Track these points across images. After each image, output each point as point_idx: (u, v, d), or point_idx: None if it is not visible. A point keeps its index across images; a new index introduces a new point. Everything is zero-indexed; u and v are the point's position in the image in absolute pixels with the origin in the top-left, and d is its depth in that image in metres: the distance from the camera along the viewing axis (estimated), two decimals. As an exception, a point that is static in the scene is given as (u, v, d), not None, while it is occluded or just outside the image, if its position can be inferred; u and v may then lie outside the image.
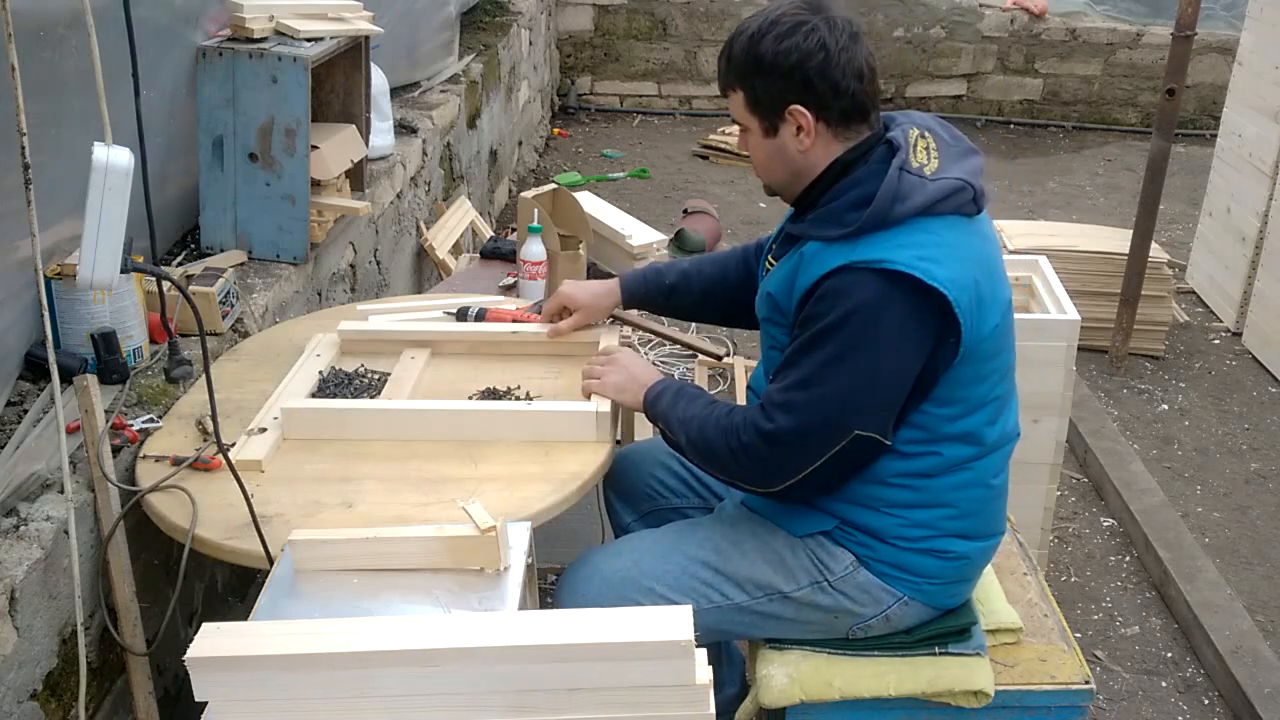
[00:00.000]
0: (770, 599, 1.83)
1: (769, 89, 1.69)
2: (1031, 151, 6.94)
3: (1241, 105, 4.52)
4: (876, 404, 1.65)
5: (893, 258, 1.60)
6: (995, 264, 1.75)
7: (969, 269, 1.65)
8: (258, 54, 2.57)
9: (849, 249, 1.63)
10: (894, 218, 1.62)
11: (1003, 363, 1.77)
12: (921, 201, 1.63)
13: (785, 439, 1.67)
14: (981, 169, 1.74)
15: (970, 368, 1.69)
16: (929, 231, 1.64)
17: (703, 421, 1.79)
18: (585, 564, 1.90)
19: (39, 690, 1.72)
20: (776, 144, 1.74)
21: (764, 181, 1.83)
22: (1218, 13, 7.01)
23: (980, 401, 1.74)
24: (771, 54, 1.66)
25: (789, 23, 1.66)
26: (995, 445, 1.78)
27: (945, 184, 1.66)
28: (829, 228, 1.67)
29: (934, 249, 1.62)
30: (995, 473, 1.81)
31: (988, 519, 1.82)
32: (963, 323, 1.62)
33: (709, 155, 6.59)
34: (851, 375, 1.62)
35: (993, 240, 1.77)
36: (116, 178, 1.64)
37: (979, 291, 1.65)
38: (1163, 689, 2.69)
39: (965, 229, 1.69)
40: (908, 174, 1.64)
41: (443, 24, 4.54)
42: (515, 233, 3.65)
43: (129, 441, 1.95)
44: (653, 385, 1.92)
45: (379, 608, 1.46)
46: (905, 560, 1.79)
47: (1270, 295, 4.19)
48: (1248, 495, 3.47)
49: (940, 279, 1.59)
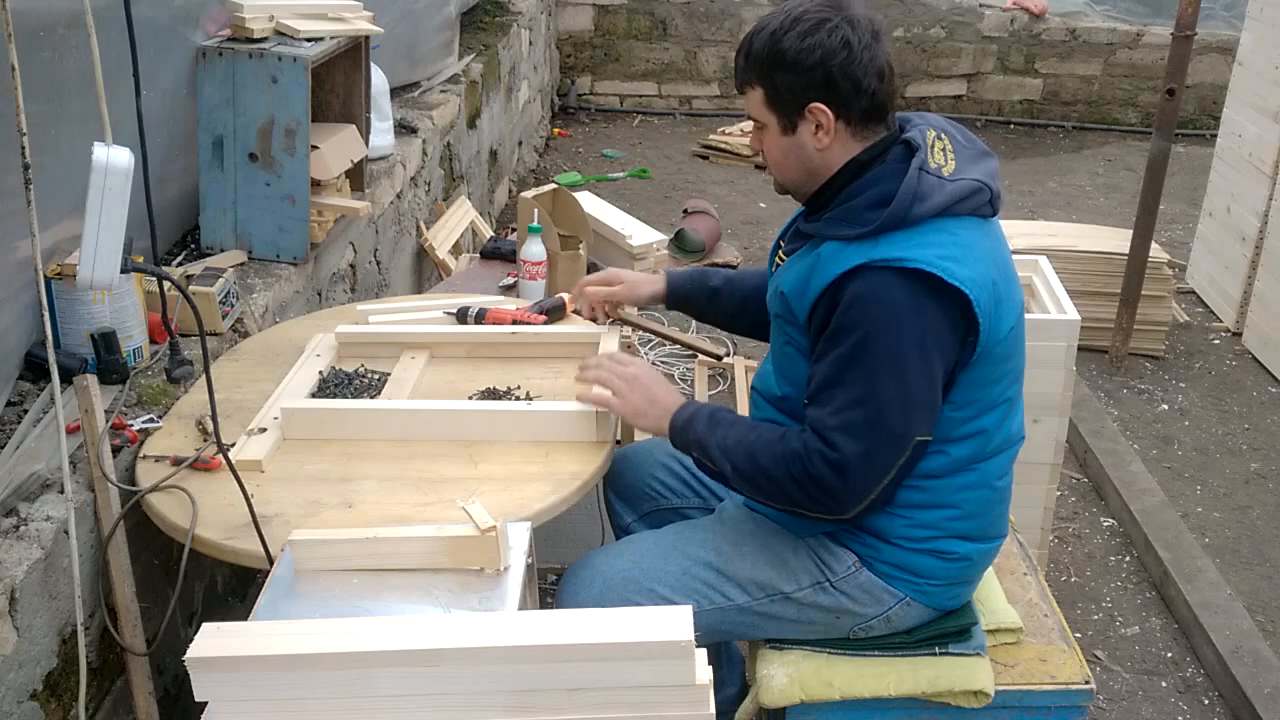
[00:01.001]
0: (771, 599, 1.83)
1: (790, 85, 1.68)
2: (1031, 151, 6.94)
3: (1241, 105, 4.52)
4: (926, 406, 1.65)
5: (914, 256, 1.59)
6: (1010, 266, 1.75)
7: (987, 269, 1.65)
8: (258, 54, 2.57)
9: (869, 248, 1.62)
10: (913, 217, 1.62)
11: (1015, 365, 1.77)
12: (941, 202, 1.63)
13: (855, 464, 1.63)
14: (996, 171, 1.74)
15: (985, 369, 1.69)
16: (948, 231, 1.63)
17: (752, 450, 1.72)
18: (586, 565, 1.89)
19: (39, 690, 1.71)
20: (794, 141, 1.72)
21: (777, 179, 1.81)
22: (1218, 13, 7.01)
23: (992, 403, 1.74)
24: (795, 50, 1.65)
25: (812, 19, 1.65)
26: (1001, 447, 1.79)
27: (964, 185, 1.66)
28: (847, 227, 1.66)
29: (954, 248, 1.62)
30: (1000, 475, 1.81)
31: (991, 521, 1.83)
32: (981, 322, 1.62)
33: (709, 155, 6.58)
34: (900, 383, 1.61)
35: (1005, 243, 1.77)
36: (116, 178, 1.64)
37: (997, 292, 1.66)
38: (1163, 689, 2.69)
39: (982, 230, 1.70)
40: (927, 174, 1.64)
41: (443, 24, 4.54)
42: (515, 233, 3.65)
43: (129, 441, 1.95)
44: (678, 410, 1.83)
45: (379, 608, 1.46)
46: (908, 561, 1.79)
47: (1270, 295, 4.19)
48: (1248, 495, 3.47)
49: (961, 278, 1.59)
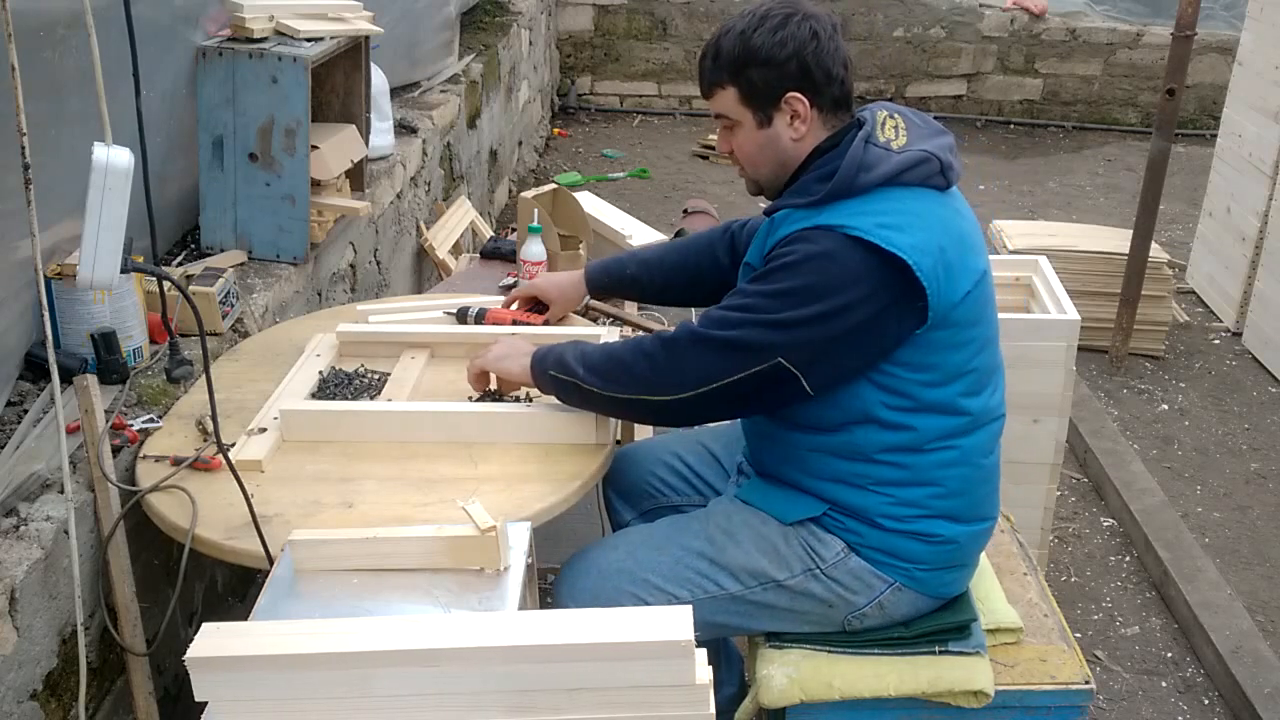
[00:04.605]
0: (765, 588, 1.84)
1: (766, 78, 1.73)
2: (1031, 151, 6.94)
3: (1241, 105, 4.52)
4: (811, 343, 1.67)
5: (853, 224, 1.65)
6: (968, 236, 1.77)
7: (934, 236, 1.68)
8: (258, 54, 2.57)
9: (814, 214, 1.69)
10: (859, 186, 1.68)
11: (981, 333, 1.79)
12: (886, 171, 1.69)
13: (713, 343, 1.71)
14: (952, 146, 1.79)
15: (944, 333, 1.71)
16: (893, 199, 1.69)
17: (609, 348, 1.85)
18: (582, 558, 1.91)
19: (39, 690, 1.72)
20: (769, 135, 1.78)
21: (750, 178, 1.86)
22: (1218, 13, 7.01)
23: (958, 371, 1.75)
24: (768, 45, 1.72)
25: (778, 16, 1.73)
26: (979, 421, 1.80)
27: (910, 155, 1.71)
28: (797, 197, 1.74)
29: (895, 216, 1.66)
30: (984, 453, 1.82)
31: (977, 501, 1.83)
32: (927, 287, 1.65)
33: (709, 155, 6.58)
34: (795, 310, 1.66)
35: (966, 216, 1.80)
36: (116, 178, 1.64)
37: (945, 258, 1.68)
38: (1163, 689, 2.69)
39: (934, 200, 1.74)
40: (874, 146, 1.70)
41: (443, 24, 4.54)
42: (515, 233, 3.65)
43: (129, 441, 1.95)
44: (539, 348, 1.93)
45: (379, 608, 1.46)
46: (893, 544, 1.80)
47: (1270, 295, 4.19)
48: (1248, 495, 3.47)
49: (900, 244, 1.63)
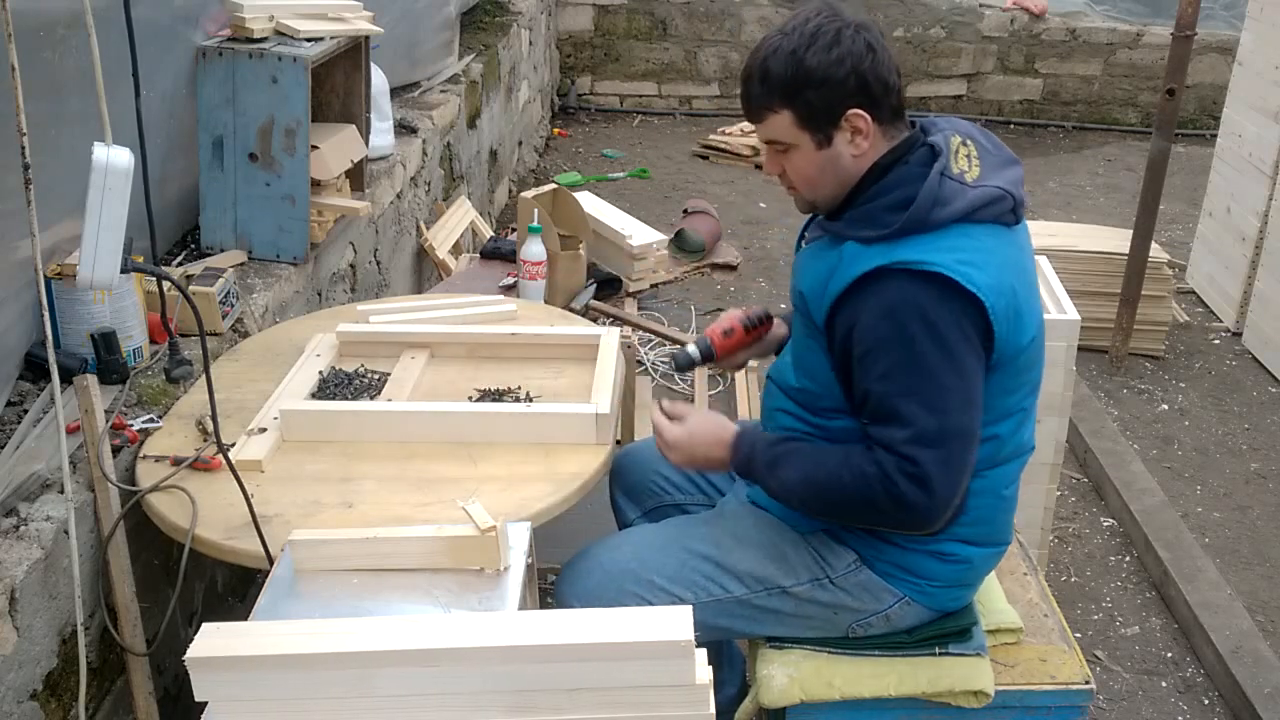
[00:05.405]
0: (770, 593, 1.83)
1: (825, 98, 1.65)
2: (1031, 151, 6.94)
3: (1241, 105, 4.52)
4: (980, 399, 1.64)
5: (933, 260, 1.58)
6: (1032, 276, 1.74)
7: (1007, 277, 1.63)
8: (258, 54, 2.57)
9: (888, 250, 1.61)
10: (934, 222, 1.61)
11: (1033, 377, 1.76)
12: (962, 207, 1.62)
13: (937, 473, 1.61)
14: (1022, 179, 1.72)
15: (1002, 378, 1.68)
16: (969, 236, 1.62)
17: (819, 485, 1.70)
18: (585, 557, 1.90)
19: (39, 690, 1.72)
20: (829, 155, 1.70)
21: (808, 199, 1.77)
22: (1218, 13, 7.01)
23: (1007, 411, 1.73)
24: (824, 64, 1.63)
25: (830, 32, 1.64)
26: (1011, 456, 1.78)
27: (986, 191, 1.65)
28: (867, 228, 1.65)
29: (973, 254, 1.60)
30: (1007, 484, 1.80)
31: (995, 528, 1.82)
32: (996, 330, 1.61)
33: (709, 155, 6.58)
34: (955, 380, 1.60)
35: (1029, 253, 1.76)
36: (116, 178, 1.64)
37: (1016, 301, 1.64)
38: (1163, 689, 2.69)
39: (1004, 238, 1.68)
40: (949, 179, 1.63)
41: (443, 24, 4.54)
42: (515, 233, 3.65)
43: (129, 441, 1.95)
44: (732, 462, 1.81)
45: (379, 608, 1.46)
46: (908, 561, 1.78)
47: (1270, 295, 4.19)
48: (1248, 495, 3.47)
49: (979, 284, 1.58)
